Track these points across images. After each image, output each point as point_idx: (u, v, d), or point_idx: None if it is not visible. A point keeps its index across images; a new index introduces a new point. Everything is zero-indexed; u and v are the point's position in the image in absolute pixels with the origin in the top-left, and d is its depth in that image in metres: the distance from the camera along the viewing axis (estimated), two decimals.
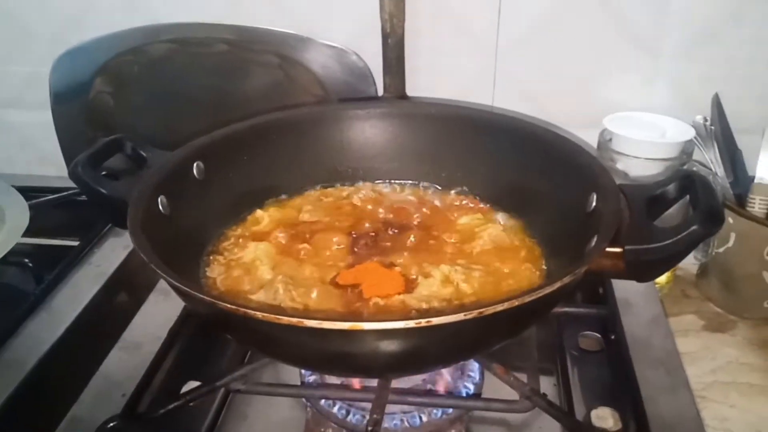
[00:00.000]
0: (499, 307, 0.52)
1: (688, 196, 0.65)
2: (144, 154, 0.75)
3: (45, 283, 0.86)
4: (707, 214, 0.59)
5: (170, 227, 0.70)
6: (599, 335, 0.84)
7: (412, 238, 0.77)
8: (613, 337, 0.78)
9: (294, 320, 0.51)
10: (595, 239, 0.61)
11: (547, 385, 0.80)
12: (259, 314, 0.52)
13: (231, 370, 0.70)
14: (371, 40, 1.00)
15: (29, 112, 1.15)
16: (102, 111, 1.10)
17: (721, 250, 0.91)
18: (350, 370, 0.62)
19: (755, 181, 0.90)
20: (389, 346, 0.54)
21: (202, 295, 0.53)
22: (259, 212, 0.82)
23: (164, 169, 0.72)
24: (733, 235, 0.89)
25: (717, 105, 0.97)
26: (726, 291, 0.92)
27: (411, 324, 0.51)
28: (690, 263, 0.97)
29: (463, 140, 0.84)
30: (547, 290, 0.53)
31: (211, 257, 0.76)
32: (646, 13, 0.96)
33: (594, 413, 0.74)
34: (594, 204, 0.67)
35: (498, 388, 0.71)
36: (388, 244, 0.77)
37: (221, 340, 0.83)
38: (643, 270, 0.61)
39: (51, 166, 1.15)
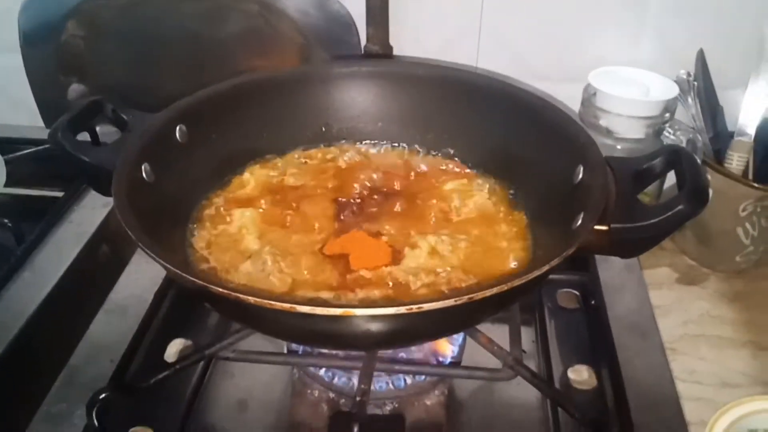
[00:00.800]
0: (488, 292, 0.52)
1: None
2: (125, 117, 0.73)
3: (27, 242, 0.84)
4: (693, 194, 0.59)
5: (155, 195, 0.68)
6: (577, 293, 0.85)
7: (398, 206, 0.76)
8: (593, 302, 0.79)
9: (286, 306, 0.51)
10: (582, 216, 0.61)
11: (525, 340, 0.81)
12: (250, 299, 0.51)
13: (219, 337, 0.70)
14: None
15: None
16: (74, 56, 1.06)
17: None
18: (339, 345, 0.62)
19: (734, 137, 0.90)
20: (379, 327, 0.55)
21: (194, 279, 0.53)
22: (245, 175, 0.80)
23: (147, 134, 0.70)
24: (709, 191, 0.89)
25: (701, 60, 0.96)
26: (700, 245, 0.94)
27: (402, 310, 0.51)
28: None
29: (449, 103, 0.82)
30: (536, 273, 0.54)
31: (196, 225, 0.75)
32: None
33: (571, 371, 0.76)
34: (581, 176, 0.67)
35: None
36: (374, 209, 0.76)
37: None
38: (627, 247, 0.61)
39: (24, 113, 1.10)
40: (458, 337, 0.75)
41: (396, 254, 0.70)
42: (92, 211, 0.91)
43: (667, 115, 0.90)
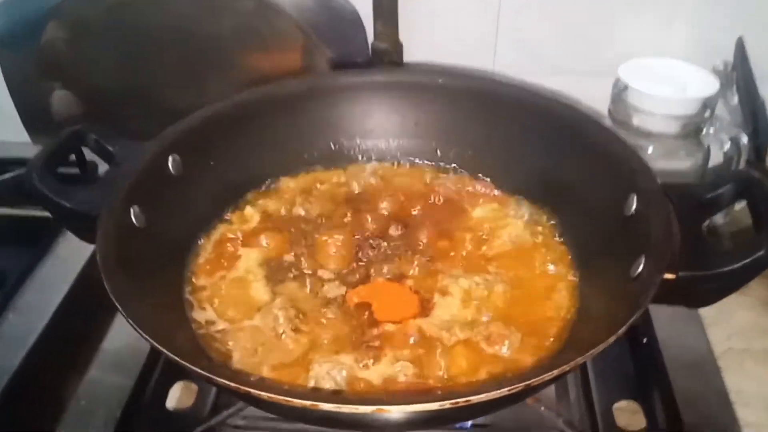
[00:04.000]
0: (548, 376, 0.42)
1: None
2: (110, 149, 0.61)
3: (8, 284, 0.73)
4: None
5: (146, 241, 0.58)
6: None
7: (422, 239, 0.65)
8: (645, 340, 0.68)
9: (307, 403, 0.41)
10: (643, 261, 0.50)
11: None
12: (264, 395, 0.41)
13: (228, 403, 0.60)
14: None
15: None
16: (56, 59, 0.95)
17: (738, 207, 0.81)
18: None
19: None
20: (414, 417, 0.44)
21: (206, 373, 0.42)
22: (248, 210, 0.69)
23: (135, 170, 0.59)
24: None
25: (740, 50, 0.85)
26: None
27: (447, 405, 0.41)
28: None
29: (475, 116, 0.70)
30: (601, 347, 0.43)
31: (195, 272, 0.64)
32: None
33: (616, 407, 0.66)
34: (634, 207, 0.56)
35: None
36: (396, 244, 0.65)
37: None
38: (695, 297, 0.51)
39: (10, 126, 0.99)
40: None
41: (424, 303, 0.60)
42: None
43: (708, 113, 0.79)
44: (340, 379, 0.54)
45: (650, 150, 0.83)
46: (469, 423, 0.61)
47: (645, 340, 0.66)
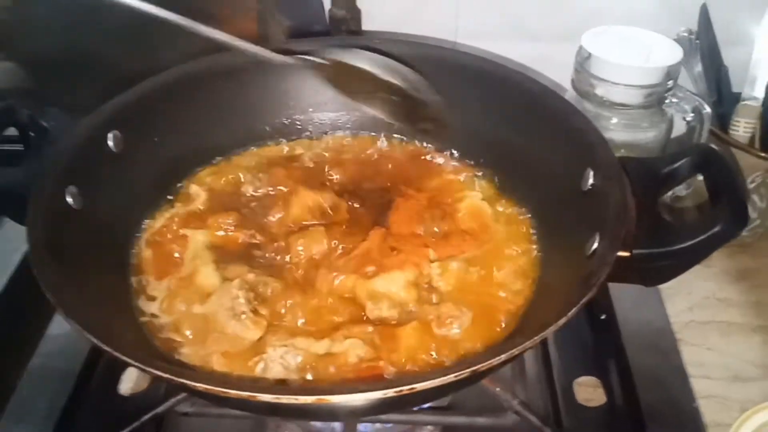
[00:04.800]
0: (495, 362, 0.40)
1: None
2: (45, 124, 0.58)
3: None
4: (732, 213, 0.47)
5: (84, 225, 0.55)
6: None
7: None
8: (603, 317, 0.67)
9: (244, 394, 0.39)
10: (597, 240, 0.49)
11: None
12: (199, 386, 0.39)
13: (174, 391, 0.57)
14: None
15: None
16: None
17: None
18: (315, 419, 0.50)
19: (741, 101, 0.79)
20: (361, 405, 0.43)
21: (144, 366, 0.40)
22: (193, 187, 0.65)
23: (71, 148, 0.56)
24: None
25: (704, 17, 0.83)
26: None
27: (390, 393, 0.39)
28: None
29: (433, 86, 0.67)
30: (543, 334, 0.42)
31: (138, 258, 0.61)
32: None
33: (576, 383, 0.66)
34: (591, 182, 0.54)
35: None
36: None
37: None
38: (652, 275, 0.50)
39: None
40: None
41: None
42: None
43: (670, 82, 0.78)
44: (294, 363, 0.52)
45: (614, 120, 0.81)
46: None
47: (603, 317, 0.65)
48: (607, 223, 0.49)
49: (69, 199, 0.54)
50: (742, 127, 0.80)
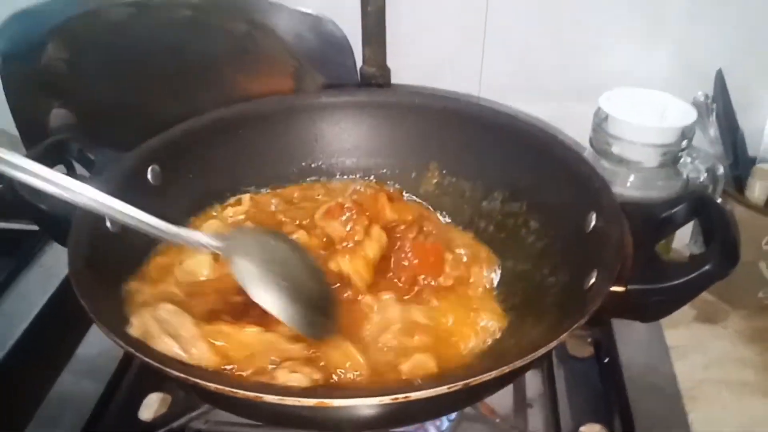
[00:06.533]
0: (487, 376, 0.44)
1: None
2: (92, 158, 0.65)
3: None
4: (723, 253, 0.51)
5: (120, 247, 0.60)
6: (590, 340, 0.76)
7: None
8: (606, 360, 0.70)
9: (251, 395, 0.43)
10: (595, 275, 0.52)
11: (531, 388, 0.73)
12: (211, 386, 0.44)
13: (191, 407, 0.62)
14: (349, 5, 0.89)
15: None
16: (56, 78, 0.99)
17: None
18: (320, 429, 0.54)
19: (756, 164, 0.82)
20: (362, 413, 0.46)
21: (150, 361, 0.45)
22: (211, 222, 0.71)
23: (114, 178, 0.62)
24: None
25: (720, 81, 0.87)
26: None
27: (386, 400, 0.43)
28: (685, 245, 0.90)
29: (452, 135, 0.74)
30: (541, 351, 0.45)
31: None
32: None
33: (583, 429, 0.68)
34: (593, 224, 0.58)
35: None
36: None
37: None
38: (647, 311, 0.53)
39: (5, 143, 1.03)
40: None
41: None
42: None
43: (685, 142, 0.82)
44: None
45: (631, 178, 0.85)
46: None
47: (606, 360, 0.68)
48: (604, 260, 0.53)
49: (108, 223, 0.60)
50: (758, 190, 0.82)
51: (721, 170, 0.81)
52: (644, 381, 0.69)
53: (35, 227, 0.83)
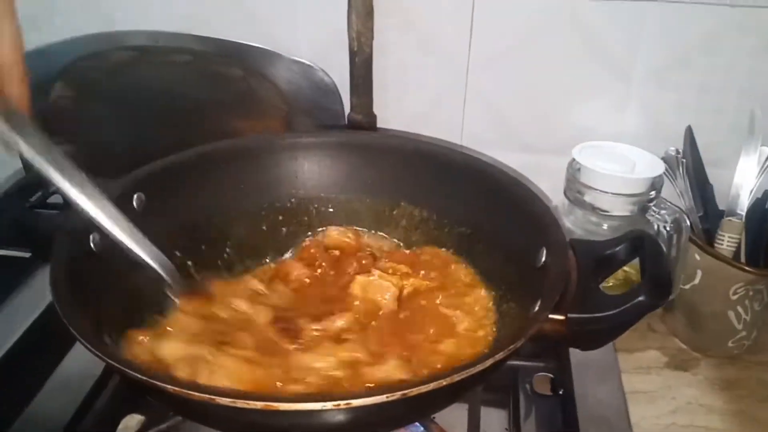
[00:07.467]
0: (424, 388, 0.48)
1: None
2: None
3: None
4: (654, 285, 0.55)
5: (102, 267, 0.64)
6: (552, 377, 0.80)
7: None
8: (561, 392, 0.73)
9: (205, 397, 0.47)
10: (539, 303, 0.57)
11: (498, 426, 0.76)
12: (170, 387, 0.48)
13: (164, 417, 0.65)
14: (339, 55, 0.96)
15: None
16: (62, 116, 1.05)
17: (687, 286, 0.87)
18: None
19: (725, 217, 0.86)
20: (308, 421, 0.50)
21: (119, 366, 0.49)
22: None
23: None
24: (699, 273, 0.85)
25: (689, 137, 0.92)
26: (691, 328, 0.89)
27: (329, 406, 0.47)
28: None
29: (425, 175, 0.80)
30: (480, 367, 0.49)
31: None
32: (620, 37, 0.92)
33: None
34: (543, 260, 0.63)
35: None
36: None
37: None
38: (585, 339, 0.57)
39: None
40: None
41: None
42: None
43: (653, 192, 0.87)
44: None
45: (604, 227, 0.89)
46: None
47: (561, 392, 0.71)
48: (547, 289, 0.57)
49: (91, 243, 0.65)
50: (726, 241, 0.86)
51: (686, 221, 0.85)
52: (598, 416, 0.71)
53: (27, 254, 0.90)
